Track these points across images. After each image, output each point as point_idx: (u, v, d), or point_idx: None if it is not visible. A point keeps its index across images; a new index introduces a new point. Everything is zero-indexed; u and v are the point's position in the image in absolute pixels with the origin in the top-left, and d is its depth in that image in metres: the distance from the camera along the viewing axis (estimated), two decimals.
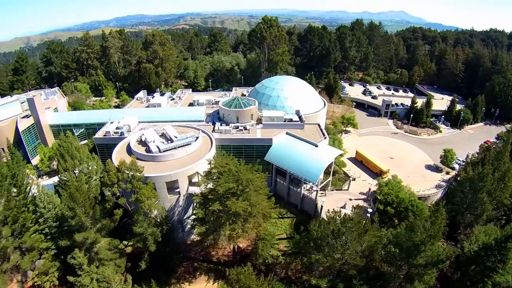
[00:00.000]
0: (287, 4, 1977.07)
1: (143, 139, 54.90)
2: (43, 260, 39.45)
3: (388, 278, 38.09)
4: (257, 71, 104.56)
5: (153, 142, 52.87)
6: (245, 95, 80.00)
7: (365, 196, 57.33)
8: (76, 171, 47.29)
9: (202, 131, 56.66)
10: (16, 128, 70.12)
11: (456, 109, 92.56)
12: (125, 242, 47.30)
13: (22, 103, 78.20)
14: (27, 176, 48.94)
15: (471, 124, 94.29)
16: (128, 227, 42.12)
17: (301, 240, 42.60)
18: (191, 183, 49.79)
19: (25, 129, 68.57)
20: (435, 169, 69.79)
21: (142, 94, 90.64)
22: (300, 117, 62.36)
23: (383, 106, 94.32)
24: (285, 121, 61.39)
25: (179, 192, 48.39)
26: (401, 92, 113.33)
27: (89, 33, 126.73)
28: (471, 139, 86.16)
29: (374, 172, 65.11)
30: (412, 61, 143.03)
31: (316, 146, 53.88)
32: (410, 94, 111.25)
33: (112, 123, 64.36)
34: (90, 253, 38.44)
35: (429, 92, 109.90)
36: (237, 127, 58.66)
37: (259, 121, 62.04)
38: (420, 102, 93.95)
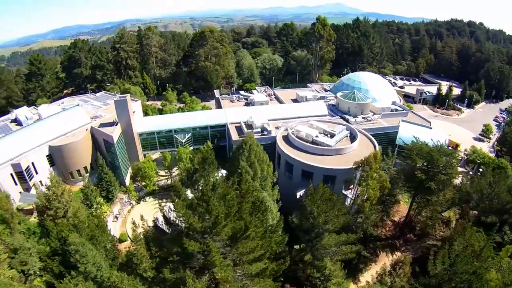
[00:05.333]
0: (224, 4, 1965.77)
1: (301, 136, 58.14)
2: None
3: None
4: (305, 68, 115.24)
5: (316, 137, 57.33)
6: (327, 90, 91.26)
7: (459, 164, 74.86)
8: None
9: (355, 126, 62.91)
10: (93, 141, 60.52)
11: (468, 93, 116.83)
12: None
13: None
14: None
15: (477, 104, 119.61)
16: None
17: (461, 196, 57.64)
18: None
19: (117, 141, 57.79)
20: (479, 139, 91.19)
21: (216, 93, 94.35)
22: (401, 107, 76.62)
23: (417, 94, 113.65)
24: (391, 111, 75.06)
25: None
26: (412, 82, 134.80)
27: (124, 29, 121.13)
28: (484, 115, 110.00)
29: (450, 146, 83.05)
30: (402, 53, 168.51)
31: (431, 128, 69.00)
32: (422, 83, 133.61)
33: (234, 124, 65.67)
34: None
35: (436, 80, 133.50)
36: (364, 118, 70.42)
37: (372, 112, 74.48)
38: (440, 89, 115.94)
